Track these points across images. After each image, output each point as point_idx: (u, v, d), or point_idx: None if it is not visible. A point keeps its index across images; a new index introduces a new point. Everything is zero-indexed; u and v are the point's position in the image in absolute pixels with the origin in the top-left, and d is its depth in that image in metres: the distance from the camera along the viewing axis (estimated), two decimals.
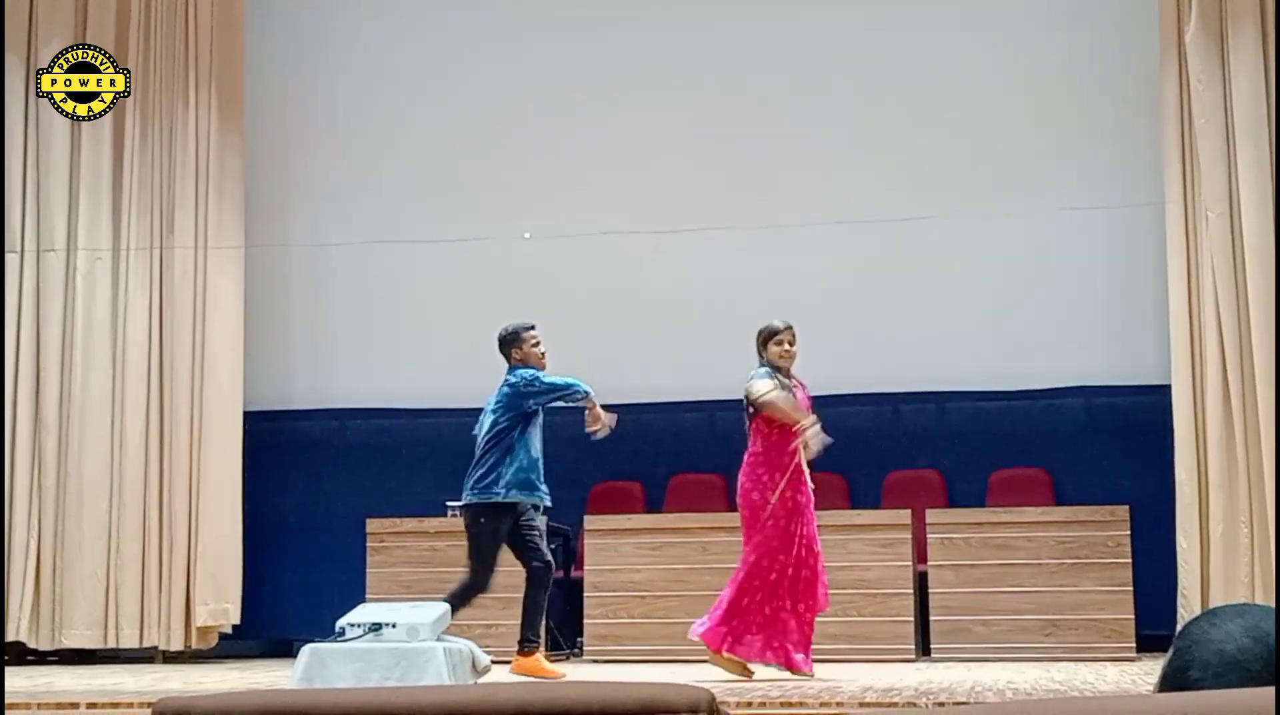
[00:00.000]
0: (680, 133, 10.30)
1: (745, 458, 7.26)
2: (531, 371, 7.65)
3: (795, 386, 7.32)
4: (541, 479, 7.64)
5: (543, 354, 7.74)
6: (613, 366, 9.08)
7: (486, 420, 7.70)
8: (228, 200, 10.11)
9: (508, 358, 7.77)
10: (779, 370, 7.27)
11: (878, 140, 10.08)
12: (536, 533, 7.61)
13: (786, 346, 7.29)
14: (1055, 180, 9.81)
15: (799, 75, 10.19)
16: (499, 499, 7.55)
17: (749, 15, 10.27)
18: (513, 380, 7.67)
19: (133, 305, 9.83)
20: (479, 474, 7.61)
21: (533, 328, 7.80)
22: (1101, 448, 9.64)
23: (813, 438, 7.14)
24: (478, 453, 7.66)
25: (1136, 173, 9.56)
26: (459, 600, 7.45)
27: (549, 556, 7.70)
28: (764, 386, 7.16)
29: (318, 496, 10.43)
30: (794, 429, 7.14)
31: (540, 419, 7.70)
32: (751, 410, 7.22)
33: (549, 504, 7.75)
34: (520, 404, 7.60)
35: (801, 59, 10.20)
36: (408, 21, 10.67)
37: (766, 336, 7.32)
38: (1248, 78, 8.82)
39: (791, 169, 10.18)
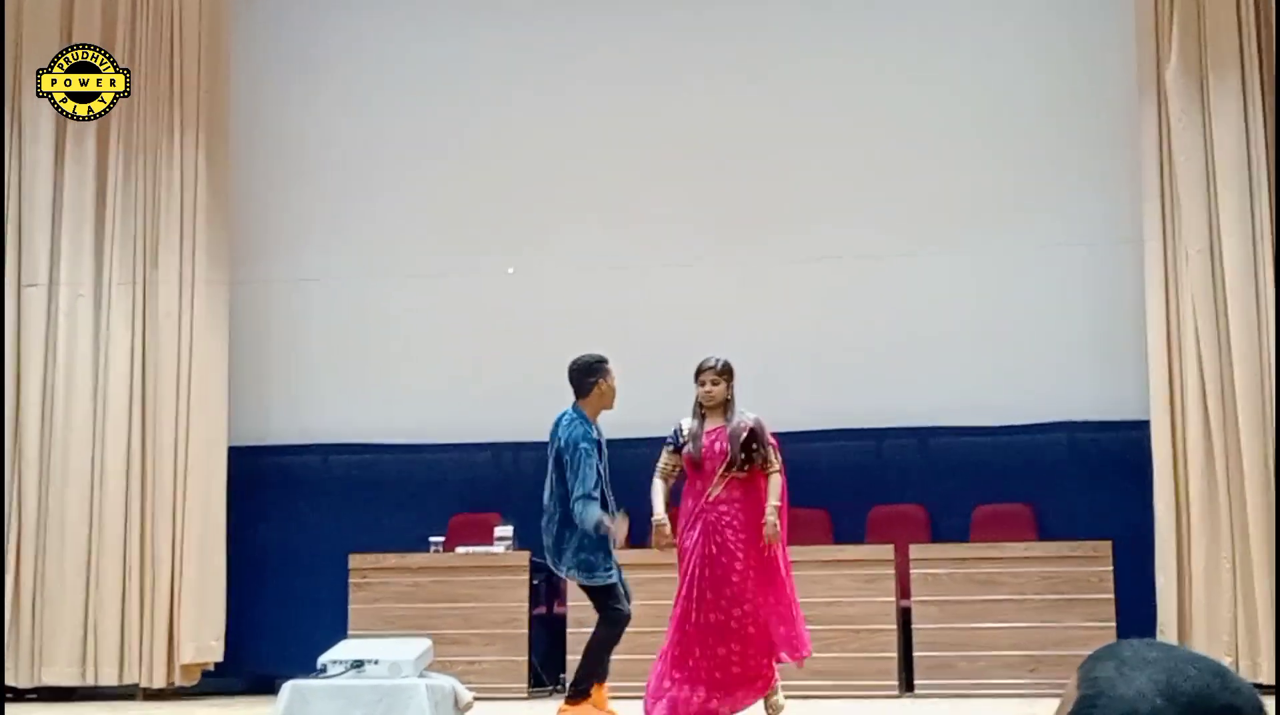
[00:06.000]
0: (665, 169, 10.32)
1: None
2: (580, 443, 6.94)
3: (713, 433, 6.75)
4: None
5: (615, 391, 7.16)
6: None
7: (551, 473, 7.11)
8: (211, 236, 10.09)
9: (584, 391, 7.10)
10: (704, 407, 6.77)
11: (862, 179, 10.11)
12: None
13: (707, 387, 6.74)
14: (1037, 217, 9.86)
15: (784, 115, 10.22)
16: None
17: (737, 57, 10.31)
18: (562, 441, 7.03)
19: (115, 341, 9.79)
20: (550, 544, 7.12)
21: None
22: (1085, 483, 9.64)
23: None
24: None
25: (1117, 210, 9.61)
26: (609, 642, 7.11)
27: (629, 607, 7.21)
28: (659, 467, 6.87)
29: (300, 532, 10.37)
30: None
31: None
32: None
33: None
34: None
35: (788, 100, 10.24)
36: (392, 58, 10.69)
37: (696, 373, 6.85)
38: (1228, 116, 8.85)
39: (775, 206, 10.21)
